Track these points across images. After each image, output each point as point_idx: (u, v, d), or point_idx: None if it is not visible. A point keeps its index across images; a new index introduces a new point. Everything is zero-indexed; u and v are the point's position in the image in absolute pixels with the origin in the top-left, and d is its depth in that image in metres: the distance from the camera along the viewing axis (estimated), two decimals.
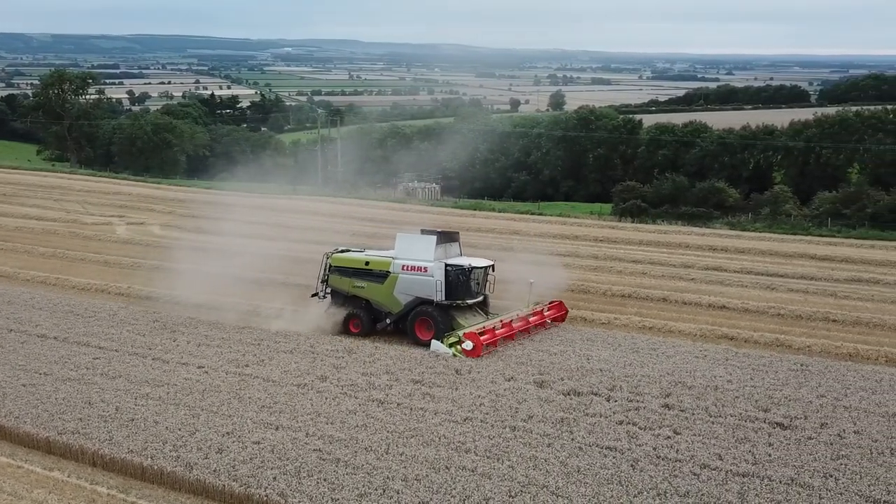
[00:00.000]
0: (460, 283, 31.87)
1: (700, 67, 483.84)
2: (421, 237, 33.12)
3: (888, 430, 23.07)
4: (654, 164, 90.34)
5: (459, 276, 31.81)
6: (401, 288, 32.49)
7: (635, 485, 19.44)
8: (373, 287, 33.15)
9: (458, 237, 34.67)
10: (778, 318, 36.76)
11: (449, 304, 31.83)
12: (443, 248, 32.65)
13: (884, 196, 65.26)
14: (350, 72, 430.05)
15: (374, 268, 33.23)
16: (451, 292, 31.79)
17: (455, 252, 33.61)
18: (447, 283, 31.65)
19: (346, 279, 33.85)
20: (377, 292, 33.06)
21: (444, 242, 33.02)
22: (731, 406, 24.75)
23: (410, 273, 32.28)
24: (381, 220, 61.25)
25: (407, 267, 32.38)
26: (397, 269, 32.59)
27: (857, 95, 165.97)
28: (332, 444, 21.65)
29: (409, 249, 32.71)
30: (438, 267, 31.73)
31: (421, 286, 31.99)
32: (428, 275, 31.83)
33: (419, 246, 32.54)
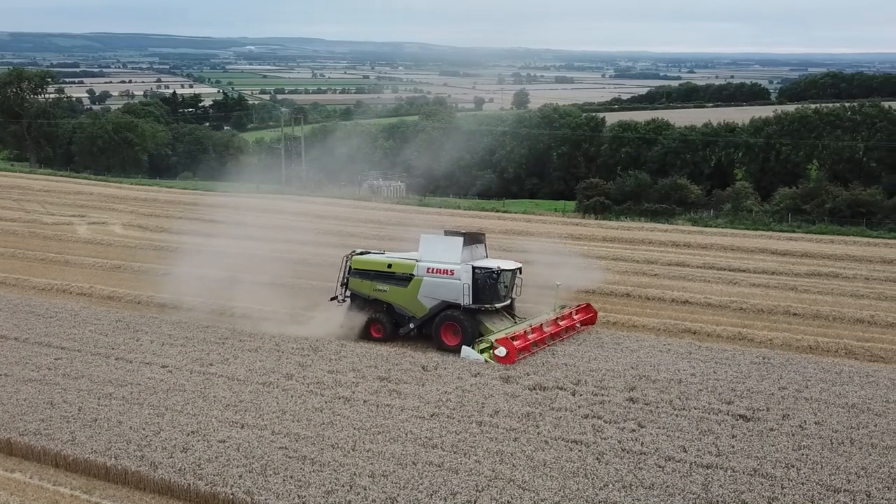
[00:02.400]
0: (488, 287, 30.75)
1: (662, 66, 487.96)
2: (446, 238, 31.85)
3: (847, 420, 23.47)
4: (617, 162, 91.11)
5: (488, 279, 30.68)
6: (425, 291, 31.23)
7: (601, 478, 19.59)
8: (396, 290, 31.89)
9: (483, 238, 33.36)
10: (740, 313, 37.25)
11: (476, 309, 30.67)
12: (469, 250, 31.30)
13: (842, 192, 66.26)
14: (313, 70, 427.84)
15: (397, 270, 31.96)
16: (479, 296, 30.63)
17: (481, 254, 32.30)
18: (474, 286, 30.50)
19: (367, 282, 32.51)
20: (400, 296, 31.79)
21: (471, 244, 31.65)
22: (694, 399, 25.04)
23: (436, 276, 31.04)
24: (346, 218, 61.17)
25: (432, 270, 31.15)
26: (422, 271, 31.35)
27: (815, 93, 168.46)
28: (299, 441, 21.56)
29: (434, 251, 31.43)
30: (465, 270, 30.54)
31: (447, 289, 30.78)
32: (454, 278, 30.60)
33: (445, 248, 31.25)
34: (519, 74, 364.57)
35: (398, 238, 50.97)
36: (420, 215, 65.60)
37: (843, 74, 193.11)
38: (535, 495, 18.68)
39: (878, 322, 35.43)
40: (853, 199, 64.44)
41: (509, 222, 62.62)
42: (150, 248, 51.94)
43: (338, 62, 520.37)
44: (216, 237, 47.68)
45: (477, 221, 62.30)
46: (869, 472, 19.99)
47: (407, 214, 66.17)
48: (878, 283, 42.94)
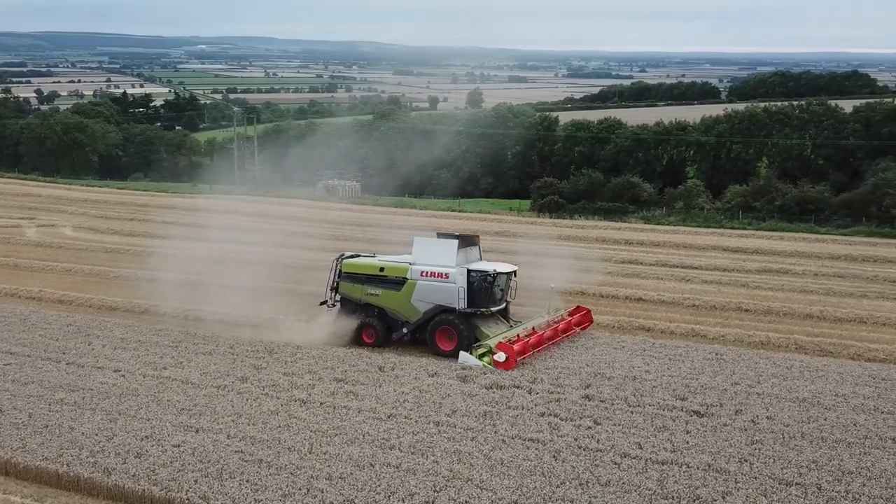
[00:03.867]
0: (483, 290, 30.21)
1: (614, 65, 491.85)
2: (441, 241, 31.33)
3: (799, 414, 23.88)
4: (570, 161, 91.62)
5: (483, 282, 30.21)
6: (419, 295, 30.67)
7: (558, 475, 19.71)
8: (388, 294, 31.29)
9: (477, 240, 32.81)
10: (693, 309, 37.74)
11: (472, 313, 30.16)
12: (464, 253, 30.87)
13: (791, 189, 67.40)
14: (266, 69, 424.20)
15: (390, 274, 31.38)
16: (474, 299, 30.14)
17: (475, 256, 31.85)
18: (470, 289, 30.03)
19: (359, 286, 31.90)
20: (393, 300, 31.21)
21: (465, 246, 31.16)
22: (649, 395, 25.31)
23: (430, 279, 30.49)
24: (301, 218, 60.84)
25: (426, 273, 30.59)
26: (415, 275, 30.78)
27: (764, 92, 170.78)
28: (255, 445, 21.40)
29: (428, 254, 30.91)
30: (461, 273, 30.03)
31: (442, 293, 30.26)
32: (449, 281, 30.09)
33: (439, 250, 30.75)
34: (473, 74, 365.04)
35: (353, 238, 50.97)
36: (377, 215, 65.59)
37: (790, 73, 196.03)
38: (493, 494, 18.74)
39: (827, 317, 36.12)
40: (802, 196, 65.59)
41: (465, 222, 62.71)
42: (102, 251, 51.24)
43: (291, 61, 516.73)
44: (169, 239, 47.09)
45: (433, 221, 62.33)
46: (819, 465, 20.36)
47: (363, 214, 66.10)
48: (826, 278, 43.74)
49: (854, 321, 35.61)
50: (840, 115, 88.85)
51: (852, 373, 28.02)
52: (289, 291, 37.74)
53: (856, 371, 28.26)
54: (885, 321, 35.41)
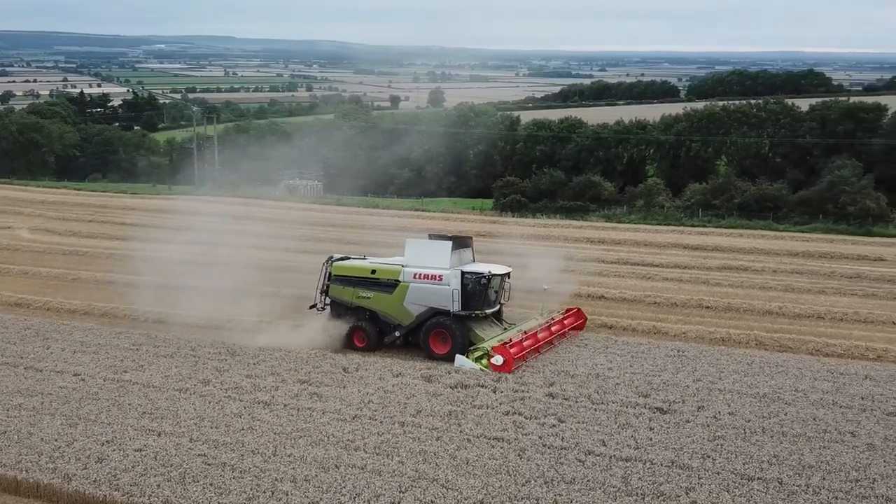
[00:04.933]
0: (478, 292, 29.77)
1: (574, 64, 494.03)
2: (434, 242, 30.92)
3: (760, 410, 24.22)
4: (532, 160, 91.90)
5: (478, 284, 29.78)
6: (412, 298, 30.20)
7: (523, 474, 19.78)
8: (380, 297, 30.76)
9: (471, 242, 32.43)
10: (654, 307, 38.05)
11: (466, 315, 29.74)
12: (458, 255, 30.48)
13: (750, 186, 68.21)
14: (226, 69, 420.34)
15: (382, 276, 30.88)
16: (469, 302, 29.69)
17: (468, 258, 31.44)
18: (464, 292, 29.55)
19: (350, 289, 31.38)
20: (385, 303, 30.69)
21: (459, 248, 30.74)
22: (612, 393, 25.51)
23: (423, 282, 30.00)
24: (263, 218, 60.34)
25: (419, 275, 30.08)
26: (408, 277, 30.28)
27: (722, 90, 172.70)
28: (218, 448, 21.21)
29: (421, 256, 30.46)
30: (455, 275, 29.58)
31: (435, 296, 29.77)
32: (443, 283, 29.65)
33: (432, 252, 30.31)
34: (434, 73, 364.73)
35: (317, 239, 50.72)
36: (340, 215, 65.43)
37: (748, 72, 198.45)
38: (459, 494, 18.75)
39: (786, 313, 36.62)
40: (760, 193, 66.42)
41: (428, 221, 62.69)
42: (60, 253, 50.48)
43: (251, 60, 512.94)
44: (129, 241, 46.60)
45: (397, 220, 62.33)
46: (780, 459, 20.66)
47: (326, 214, 65.87)
48: (785, 275, 44.34)
49: (812, 317, 36.16)
50: (797, 114, 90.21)
51: (811, 368, 28.46)
52: (260, 294, 37.18)
53: (814, 366, 28.70)
54: (843, 317, 36.00)
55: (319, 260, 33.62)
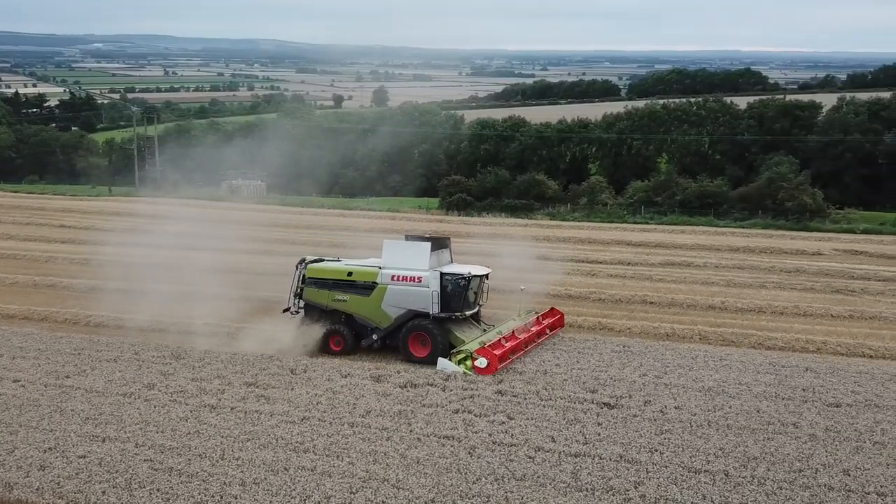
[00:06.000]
0: (457, 294, 29.45)
1: (517, 63, 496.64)
2: (412, 244, 30.49)
3: (705, 403, 24.59)
4: (476, 159, 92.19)
5: (458, 285, 29.47)
6: (390, 300, 29.75)
7: (473, 471, 19.82)
8: (357, 300, 30.26)
9: (448, 243, 32.02)
10: (599, 303, 38.42)
11: (446, 317, 29.36)
12: (436, 256, 30.12)
13: (691, 184, 69.26)
14: (165, 68, 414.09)
15: (359, 279, 30.37)
16: (449, 304, 29.35)
17: (447, 259, 31.12)
18: (443, 293, 29.18)
19: (325, 292, 30.81)
20: (362, 306, 30.19)
21: (437, 249, 30.36)
22: (560, 389, 25.69)
23: (402, 284, 29.56)
24: (206, 219, 59.50)
25: (397, 277, 29.65)
26: (386, 279, 29.82)
27: (662, 89, 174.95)
28: (164, 453, 20.90)
29: (400, 258, 29.99)
30: (434, 276, 29.20)
31: (414, 298, 29.36)
32: (422, 285, 29.25)
33: (411, 254, 29.87)
34: (377, 72, 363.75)
35: (262, 239, 50.13)
36: (285, 215, 64.94)
37: (687, 71, 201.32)
38: (410, 493, 18.72)
39: (729, 308, 37.27)
40: (701, 190, 67.48)
41: (374, 220, 62.57)
42: None
43: (191, 59, 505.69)
44: (69, 243, 45.67)
45: (342, 220, 62.15)
46: (726, 451, 21.00)
47: (271, 214, 65.27)
48: (726, 270, 45.09)
49: (754, 311, 36.85)
50: (735, 112, 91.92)
51: (754, 361, 29.02)
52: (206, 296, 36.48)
53: (757, 359, 29.27)
54: (783, 310, 36.74)
55: (267, 261, 33.46)
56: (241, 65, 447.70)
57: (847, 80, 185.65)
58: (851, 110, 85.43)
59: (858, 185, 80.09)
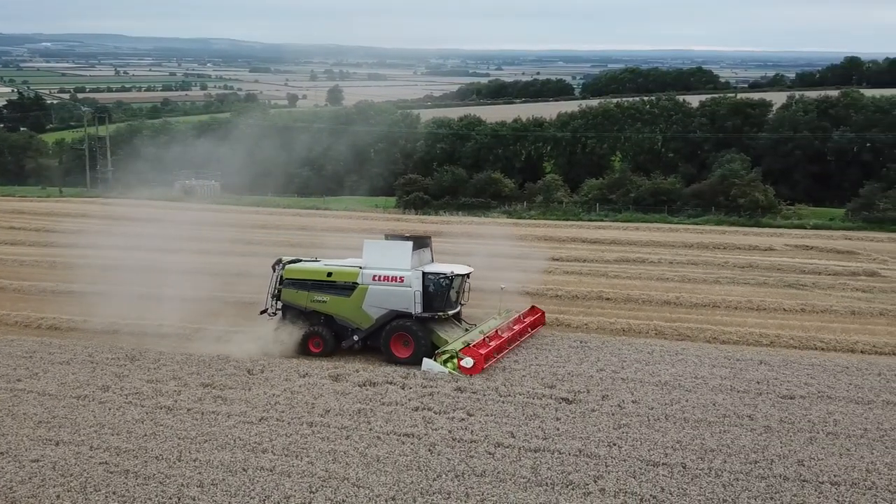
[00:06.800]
0: (440, 293, 29.11)
1: (471, 63, 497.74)
2: (393, 243, 29.95)
3: (662, 397, 24.84)
4: (433, 158, 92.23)
5: (440, 285, 29.12)
6: (371, 301, 29.25)
7: (434, 469, 19.80)
8: (337, 301, 29.74)
9: (430, 242, 31.54)
10: (556, 299, 38.62)
11: (429, 317, 29.04)
12: (417, 256, 29.70)
13: (645, 181, 70.01)
14: (116, 68, 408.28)
15: (339, 279, 29.81)
16: (431, 303, 29.02)
17: (428, 258, 30.74)
18: (426, 293, 28.91)
19: (304, 293, 30.24)
20: (342, 307, 29.67)
21: (418, 248, 29.89)
22: (519, 385, 25.77)
23: (383, 284, 29.08)
24: (159, 219, 58.77)
25: (379, 277, 29.17)
26: (367, 279, 29.29)
27: (616, 88, 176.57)
28: (120, 455, 20.58)
29: (380, 257, 29.53)
30: (416, 276, 28.86)
31: (396, 298, 28.91)
32: (404, 285, 28.83)
33: (392, 253, 29.38)
34: (332, 71, 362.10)
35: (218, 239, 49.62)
36: (240, 215, 64.35)
37: (640, 70, 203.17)
38: (370, 492, 18.65)
39: (683, 303, 37.68)
40: (655, 187, 68.24)
41: (331, 219, 62.32)
42: None
43: (142, 59, 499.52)
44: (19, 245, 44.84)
45: (299, 219, 61.81)
46: (683, 444, 21.22)
47: (226, 214, 64.54)
48: (680, 266, 45.60)
49: (708, 306, 37.29)
50: (687, 110, 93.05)
51: (709, 355, 29.38)
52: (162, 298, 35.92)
53: (712, 353, 29.64)
54: (737, 305, 37.24)
55: (225, 262, 33.14)
56: (193, 64, 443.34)
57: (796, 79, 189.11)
58: (801, 108, 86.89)
59: (808, 181, 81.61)
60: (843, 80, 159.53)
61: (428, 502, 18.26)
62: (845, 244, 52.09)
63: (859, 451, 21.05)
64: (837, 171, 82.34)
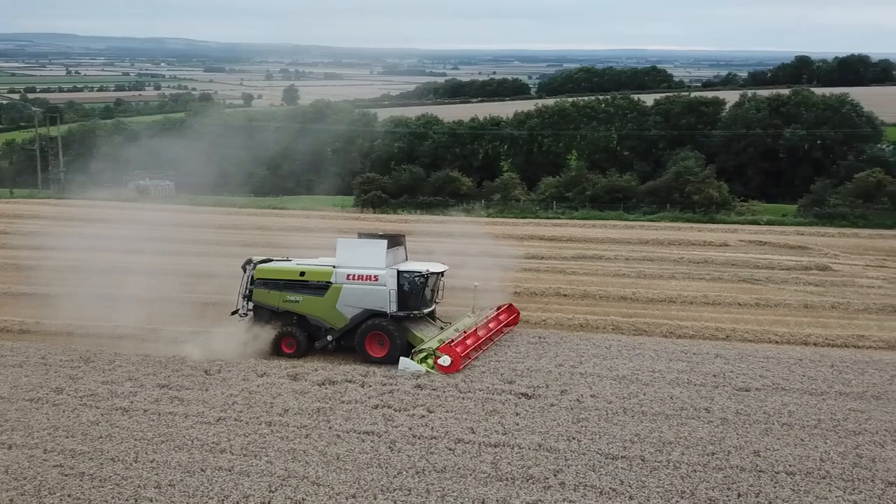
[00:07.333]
0: (415, 292, 28.91)
1: (428, 62, 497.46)
2: (367, 242, 29.71)
3: (620, 391, 25.05)
4: (391, 157, 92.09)
5: (416, 283, 28.88)
6: (346, 300, 28.95)
7: (394, 465, 19.78)
8: (310, 301, 29.39)
9: (404, 240, 31.36)
10: (514, 296, 38.56)
11: (404, 316, 28.87)
12: (392, 254, 29.49)
13: (601, 179, 70.46)
14: (67, 67, 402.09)
15: (312, 279, 29.48)
16: (406, 302, 28.83)
17: (402, 257, 30.53)
18: (401, 291, 28.70)
19: (276, 293, 29.80)
20: (316, 306, 29.34)
21: (393, 246, 29.67)
22: (478, 381, 25.84)
23: (357, 283, 28.79)
24: (114, 220, 57.98)
25: (353, 276, 28.87)
26: (341, 278, 28.99)
27: (571, 87, 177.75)
28: (75, 458, 20.29)
29: (354, 256, 29.21)
30: (391, 274, 28.60)
31: (371, 297, 28.66)
32: (379, 284, 28.57)
33: (366, 252, 29.11)
34: (287, 70, 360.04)
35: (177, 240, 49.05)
36: (196, 215, 63.44)
37: (595, 69, 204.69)
38: (330, 489, 18.59)
39: (640, 298, 38.02)
40: (611, 185, 68.70)
41: (289, 219, 61.95)
42: None
43: (95, 59, 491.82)
44: None
45: (254, 219, 61.34)
46: (642, 437, 21.43)
47: (181, 215, 63.78)
48: (637, 262, 45.98)
49: (664, 301, 37.67)
50: (642, 109, 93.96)
51: (666, 349, 29.69)
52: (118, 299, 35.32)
53: (669, 348, 29.95)
54: (693, 300, 37.67)
55: (182, 262, 32.73)
56: (147, 64, 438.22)
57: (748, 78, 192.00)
58: (753, 106, 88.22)
59: (761, 178, 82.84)
60: (794, 79, 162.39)
61: (389, 499, 18.24)
62: (798, 239, 52.91)
63: (813, 441, 21.40)
64: (789, 168, 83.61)
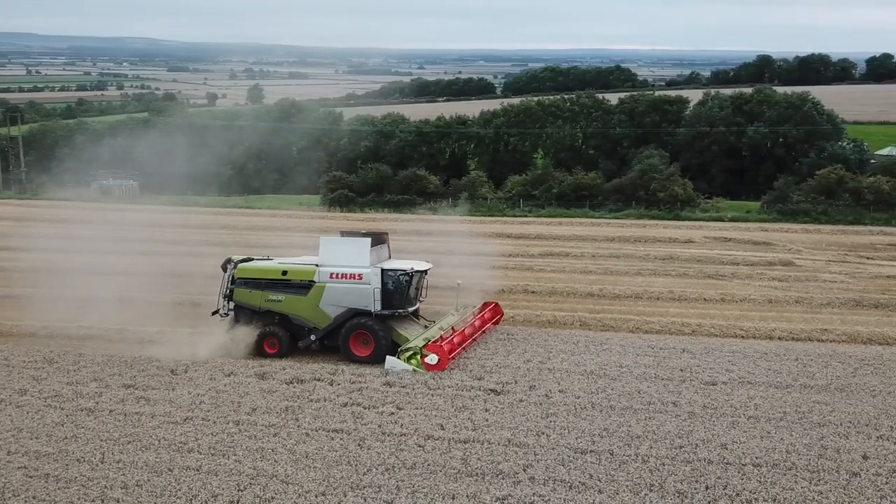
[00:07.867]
0: (399, 290, 28.67)
1: (393, 62, 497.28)
2: (351, 240, 29.51)
3: (588, 386, 25.19)
4: (357, 156, 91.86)
5: (400, 282, 28.64)
6: (329, 299, 28.64)
7: (364, 463, 19.73)
8: (293, 300, 29.05)
9: (387, 238, 30.95)
10: (482, 294, 38.70)
11: (388, 315, 28.62)
12: (375, 252, 29.14)
13: (567, 177, 70.77)
14: (28, 67, 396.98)
15: (294, 278, 29.16)
16: (390, 301, 28.57)
17: (385, 255, 30.12)
18: (385, 290, 28.39)
19: (258, 293, 29.39)
20: (298, 306, 28.98)
21: (376, 245, 29.36)
22: (447, 378, 25.85)
23: (341, 281, 28.53)
24: (76, 221, 57.31)
25: (336, 275, 28.61)
26: (324, 277, 28.68)
27: (536, 87, 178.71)
28: (39, 459, 20.01)
29: (338, 255, 28.94)
30: (375, 273, 28.35)
31: (355, 296, 28.41)
32: (363, 283, 28.33)
33: (350, 250, 28.86)
34: (251, 70, 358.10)
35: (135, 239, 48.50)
36: (160, 215, 62.84)
37: (560, 69, 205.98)
38: (300, 488, 18.49)
39: (606, 295, 38.27)
40: (576, 183, 69.02)
41: (254, 218, 61.59)
42: None
43: (56, 58, 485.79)
44: None
45: (221, 219, 60.91)
46: (610, 432, 21.54)
47: (146, 214, 63.19)
48: (603, 259, 46.24)
49: (631, 297, 37.95)
50: (607, 107, 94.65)
51: (633, 345, 29.90)
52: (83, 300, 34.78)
53: (636, 343, 30.18)
54: (659, 296, 37.97)
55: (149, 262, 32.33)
56: (109, 63, 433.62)
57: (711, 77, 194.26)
58: (716, 105, 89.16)
59: (725, 175, 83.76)
60: (756, 78, 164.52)
61: (358, 496, 18.18)
62: (761, 235, 53.55)
63: (779, 433, 21.64)
64: (752, 166, 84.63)
